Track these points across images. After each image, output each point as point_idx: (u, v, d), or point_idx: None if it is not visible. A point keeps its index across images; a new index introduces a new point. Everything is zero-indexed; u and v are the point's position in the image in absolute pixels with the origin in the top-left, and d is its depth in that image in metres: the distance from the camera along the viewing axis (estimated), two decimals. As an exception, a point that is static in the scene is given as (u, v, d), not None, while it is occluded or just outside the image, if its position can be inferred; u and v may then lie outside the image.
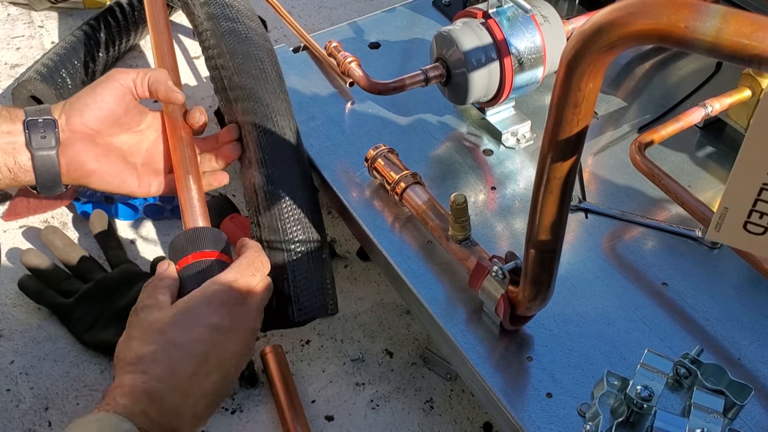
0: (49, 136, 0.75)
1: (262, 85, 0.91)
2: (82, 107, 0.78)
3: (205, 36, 0.98)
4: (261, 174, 0.85)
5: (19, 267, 1.00)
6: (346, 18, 1.28)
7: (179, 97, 0.83)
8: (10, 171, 0.75)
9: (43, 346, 0.94)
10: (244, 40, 0.94)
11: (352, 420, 0.88)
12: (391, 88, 0.95)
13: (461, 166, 0.95)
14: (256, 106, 0.89)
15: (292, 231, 0.83)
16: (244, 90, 0.90)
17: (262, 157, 0.86)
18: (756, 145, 0.46)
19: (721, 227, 0.51)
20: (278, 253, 0.83)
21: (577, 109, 0.49)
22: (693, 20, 0.39)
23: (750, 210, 0.49)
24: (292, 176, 0.87)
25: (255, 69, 0.92)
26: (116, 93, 0.79)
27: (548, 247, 0.61)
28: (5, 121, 0.75)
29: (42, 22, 1.41)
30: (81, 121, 0.78)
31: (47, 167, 0.76)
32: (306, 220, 0.85)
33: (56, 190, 0.79)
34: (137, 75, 0.81)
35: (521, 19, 0.91)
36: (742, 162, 0.47)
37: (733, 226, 0.51)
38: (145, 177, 0.81)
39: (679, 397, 0.64)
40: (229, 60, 0.92)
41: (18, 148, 0.75)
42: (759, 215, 0.50)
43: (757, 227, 0.50)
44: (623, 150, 0.94)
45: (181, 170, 0.81)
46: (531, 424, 0.70)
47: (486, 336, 0.77)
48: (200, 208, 0.80)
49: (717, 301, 0.80)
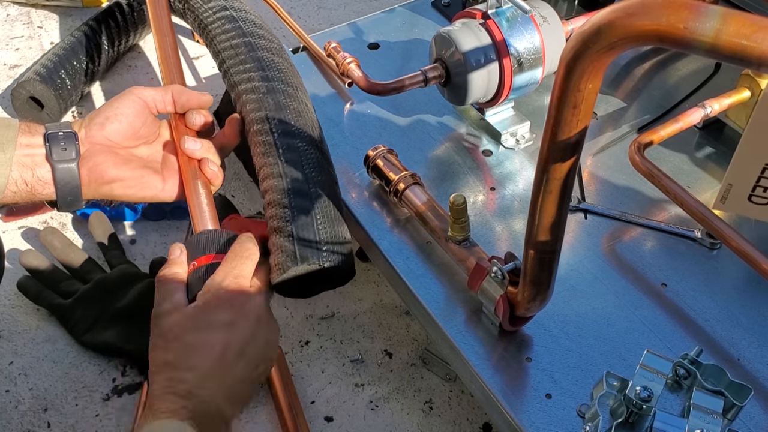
0: (70, 149, 0.76)
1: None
2: (102, 120, 0.79)
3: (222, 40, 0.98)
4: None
5: (18, 268, 0.99)
6: (345, 18, 1.28)
7: (208, 98, 0.85)
8: (27, 184, 0.75)
9: (42, 347, 0.94)
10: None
11: (351, 421, 0.88)
12: (390, 89, 0.95)
13: (460, 166, 0.95)
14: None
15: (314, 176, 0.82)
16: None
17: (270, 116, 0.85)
18: (760, 127, 0.47)
19: (726, 200, 0.53)
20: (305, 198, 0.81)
21: (577, 109, 0.49)
22: (692, 21, 0.39)
23: (754, 185, 0.50)
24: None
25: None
26: (135, 106, 0.80)
27: (548, 247, 0.61)
28: (24, 134, 0.75)
29: (41, 22, 1.41)
30: (101, 134, 0.78)
31: (68, 180, 0.76)
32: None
33: (77, 205, 0.79)
34: (156, 92, 0.82)
35: (520, 19, 0.91)
36: (746, 143, 0.48)
37: (738, 198, 0.52)
38: (169, 178, 0.81)
39: (678, 397, 0.64)
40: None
41: (37, 161, 0.75)
42: (763, 189, 0.52)
43: (762, 198, 0.51)
44: (622, 150, 0.94)
45: (189, 174, 0.81)
46: (530, 425, 0.70)
47: (485, 337, 0.77)
48: (209, 212, 0.80)
49: (716, 302, 0.80)
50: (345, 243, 0.79)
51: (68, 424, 0.88)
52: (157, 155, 0.84)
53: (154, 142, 0.84)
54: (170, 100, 0.83)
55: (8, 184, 0.74)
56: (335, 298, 1.00)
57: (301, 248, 0.77)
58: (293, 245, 0.76)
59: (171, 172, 0.82)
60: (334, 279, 0.80)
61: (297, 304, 1.00)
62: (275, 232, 0.78)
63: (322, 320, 0.98)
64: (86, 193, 0.78)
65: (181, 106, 0.84)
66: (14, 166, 0.74)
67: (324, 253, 0.77)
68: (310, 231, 0.77)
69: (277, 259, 0.77)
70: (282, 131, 0.84)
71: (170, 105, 0.83)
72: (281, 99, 0.87)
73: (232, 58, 0.93)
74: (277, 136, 0.83)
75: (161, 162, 0.83)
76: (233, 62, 0.93)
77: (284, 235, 0.77)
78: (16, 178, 0.74)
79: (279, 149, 0.83)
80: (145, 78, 1.32)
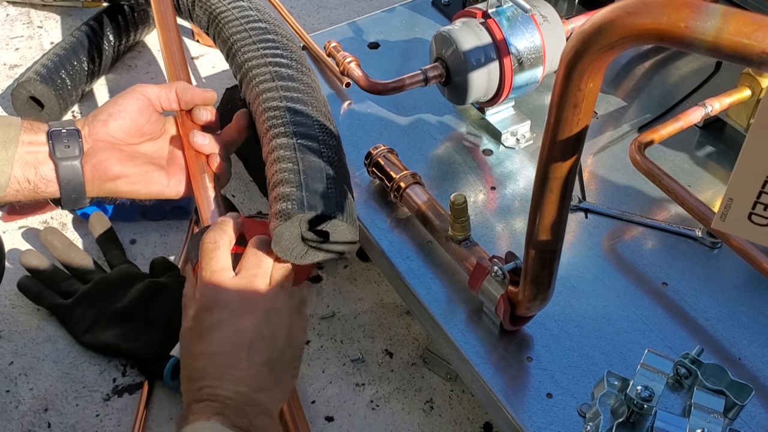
0: (73, 146, 0.76)
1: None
2: (105, 117, 0.79)
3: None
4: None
5: (18, 268, 0.99)
6: (345, 18, 1.28)
7: (212, 94, 0.85)
8: (30, 182, 0.75)
9: (42, 347, 0.94)
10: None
11: (352, 420, 0.88)
12: (390, 88, 0.95)
13: (461, 166, 0.95)
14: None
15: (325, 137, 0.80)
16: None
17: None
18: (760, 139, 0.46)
19: (726, 217, 0.52)
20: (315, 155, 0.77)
21: (577, 108, 0.49)
22: (693, 20, 0.39)
23: (755, 202, 0.49)
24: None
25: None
26: (138, 104, 0.80)
27: (548, 247, 0.61)
28: (26, 132, 0.75)
29: (41, 22, 1.41)
30: (105, 131, 0.78)
31: (71, 177, 0.76)
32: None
33: (81, 202, 0.79)
34: (160, 89, 0.82)
35: (521, 18, 0.91)
36: (746, 155, 0.48)
37: (738, 217, 0.51)
38: (174, 175, 0.81)
39: (679, 397, 0.64)
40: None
41: (40, 159, 0.75)
42: (763, 207, 0.50)
43: (762, 218, 0.51)
44: (623, 150, 0.94)
45: (196, 169, 0.81)
46: (531, 425, 0.70)
47: (486, 336, 0.77)
48: (217, 207, 0.80)
49: (717, 301, 0.80)
50: (351, 204, 0.76)
51: (68, 425, 0.88)
52: (161, 152, 0.83)
53: (159, 139, 0.84)
54: (174, 96, 0.83)
55: (10, 182, 0.74)
56: (336, 298, 1.00)
57: (310, 197, 0.71)
58: (301, 193, 0.71)
59: (176, 169, 0.82)
60: (336, 241, 0.74)
61: (297, 304, 1.00)
62: (282, 183, 0.73)
63: (322, 320, 0.98)
64: (90, 190, 0.78)
65: (186, 102, 0.83)
66: (16, 163, 0.74)
67: (333, 204, 0.72)
68: (320, 183, 0.72)
69: (282, 207, 0.70)
70: (290, 98, 0.82)
71: (174, 102, 0.83)
72: (289, 72, 0.86)
73: (245, 39, 0.91)
74: (287, 102, 0.81)
75: (167, 158, 0.83)
76: (245, 42, 0.91)
77: (292, 185, 0.72)
78: (18, 176, 0.74)
79: (288, 112, 0.80)
80: (145, 77, 1.32)
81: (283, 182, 0.72)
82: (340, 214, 0.71)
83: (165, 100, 0.82)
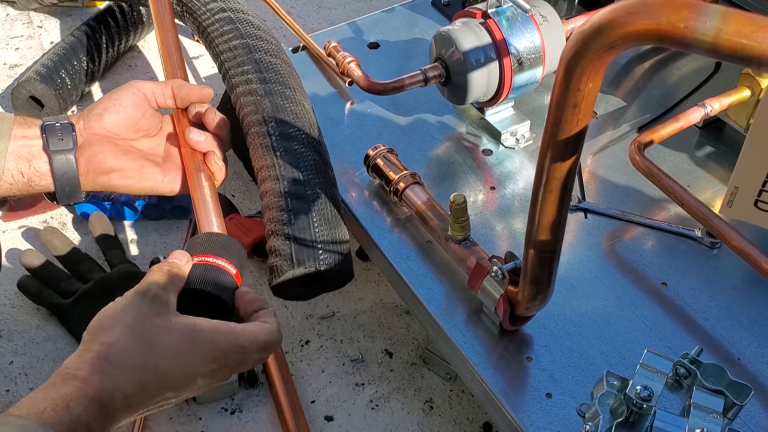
0: (67, 139, 0.75)
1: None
2: (101, 111, 0.78)
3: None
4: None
5: (18, 267, 0.99)
6: (345, 18, 1.28)
7: (209, 91, 0.84)
8: (23, 176, 0.75)
9: (42, 347, 0.94)
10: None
11: (351, 420, 0.88)
12: (390, 88, 0.95)
13: (460, 166, 0.95)
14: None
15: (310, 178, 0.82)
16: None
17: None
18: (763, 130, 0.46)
19: (733, 204, 0.52)
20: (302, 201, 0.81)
21: (577, 109, 0.49)
22: (692, 20, 0.39)
23: (760, 190, 0.50)
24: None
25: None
26: (134, 98, 0.80)
27: (548, 247, 0.61)
28: (20, 127, 0.75)
29: (41, 22, 1.41)
30: (100, 124, 0.78)
31: (65, 170, 0.75)
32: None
33: (75, 196, 0.78)
34: (156, 85, 0.82)
35: (520, 18, 0.91)
36: (750, 145, 0.48)
37: (745, 204, 0.51)
38: (169, 172, 0.81)
39: (678, 397, 0.64)
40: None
41: (34, 152, 0.75)
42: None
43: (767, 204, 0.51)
44: (623, 150, 0.94)
45: (192, 167, 0.81)
46: (531, 425, 0.70)
47: (485, 336, 0.77)
48: (213, 206, 0.80)
49: (717, 301, 0.80)
50: (342, 244, 0.79)
51: (68, 424, 0.88)
52: (158, 149, 0.83)
53: (155, 136, 0.83)
54: (170, 93, 0.82)
55: (4, 175, 0.73)
56: (335, 298, 1.00)
57: (298, 251, 0.77)
58: (290, 248, 0.76)
59: (172, 166, 0.82)
60: (332, 281, 0.80)
61: (297, 304, 1.00)
62: (273, 235, 0.78)
63: (322, 320, 0.98)
64: (84, 183, 0.77)
65: (182, 99, 0.83)
66: (9, 157, 0.73)
67: (321, 256, 0.77)
68: (307, 234, 0.78)
69: (275, 262, 0.76)
70: (279, 134, 0.84)
71: (170, 99, 0.83)
72: (279, 101, 0.87)
73: (230, 60, 0.93)
74: (275, 139, 0.84)
75: (163, 155, 0.83)
76: (232, 64, 0.93)
77: (281, 237, 0.77)
78: (12, 170, 0.74)
79: (276, 152, 0.83)
80: (145, 77, 1.32)
81: (275, 234, 0.79)
82: (327, 263, 0.77)
83: (161, 96, 0.82)
